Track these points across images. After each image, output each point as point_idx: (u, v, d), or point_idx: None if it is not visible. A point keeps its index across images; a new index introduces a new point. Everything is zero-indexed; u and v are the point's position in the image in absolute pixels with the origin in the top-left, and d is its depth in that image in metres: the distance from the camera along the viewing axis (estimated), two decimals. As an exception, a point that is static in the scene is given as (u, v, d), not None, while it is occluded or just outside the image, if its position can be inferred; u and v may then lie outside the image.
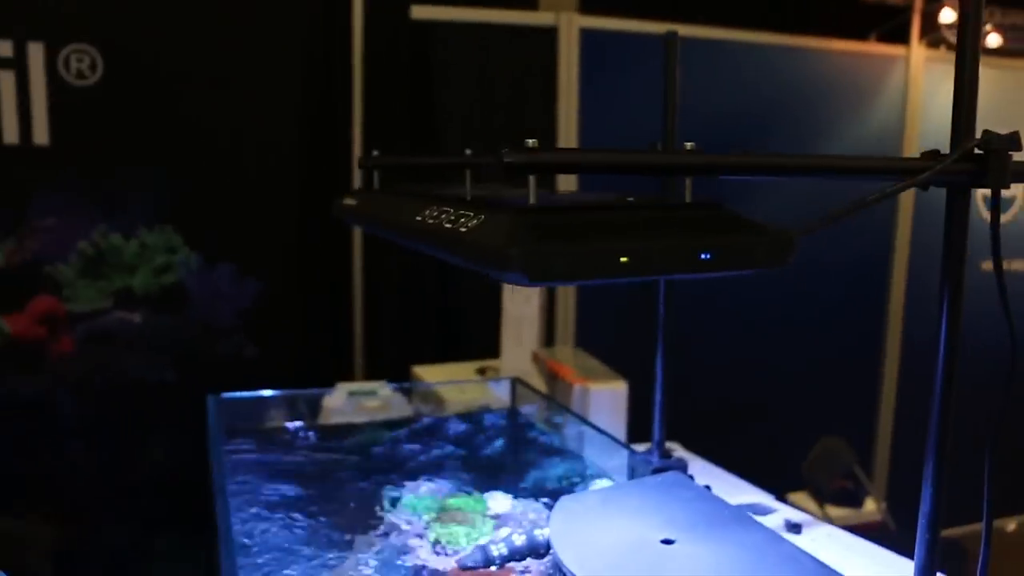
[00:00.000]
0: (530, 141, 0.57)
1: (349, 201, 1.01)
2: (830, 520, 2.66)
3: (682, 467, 1.01)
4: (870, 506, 2.90)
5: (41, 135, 2.09)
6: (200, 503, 2.36)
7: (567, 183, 2.15)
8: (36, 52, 2.06)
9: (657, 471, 1.01)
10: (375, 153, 1.05)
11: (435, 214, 0.67)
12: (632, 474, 1.06)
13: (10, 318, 2.15)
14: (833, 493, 2.87)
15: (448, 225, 0.63)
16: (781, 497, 1.42)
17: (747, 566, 0.81)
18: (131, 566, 2.31)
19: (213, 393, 1.45)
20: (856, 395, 3.14)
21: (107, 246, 2.22)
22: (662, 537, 0.85)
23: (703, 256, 0.58)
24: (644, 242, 0.57)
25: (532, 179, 0.58)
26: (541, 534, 0.91)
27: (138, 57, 2.16)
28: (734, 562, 0.81)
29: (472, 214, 0.61)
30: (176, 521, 2.30)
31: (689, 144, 0.63)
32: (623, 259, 0.55)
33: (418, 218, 0.69)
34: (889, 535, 2.87)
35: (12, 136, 2.07)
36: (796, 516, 1.20)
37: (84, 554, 2.27)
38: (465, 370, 2.16)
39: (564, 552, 0.83)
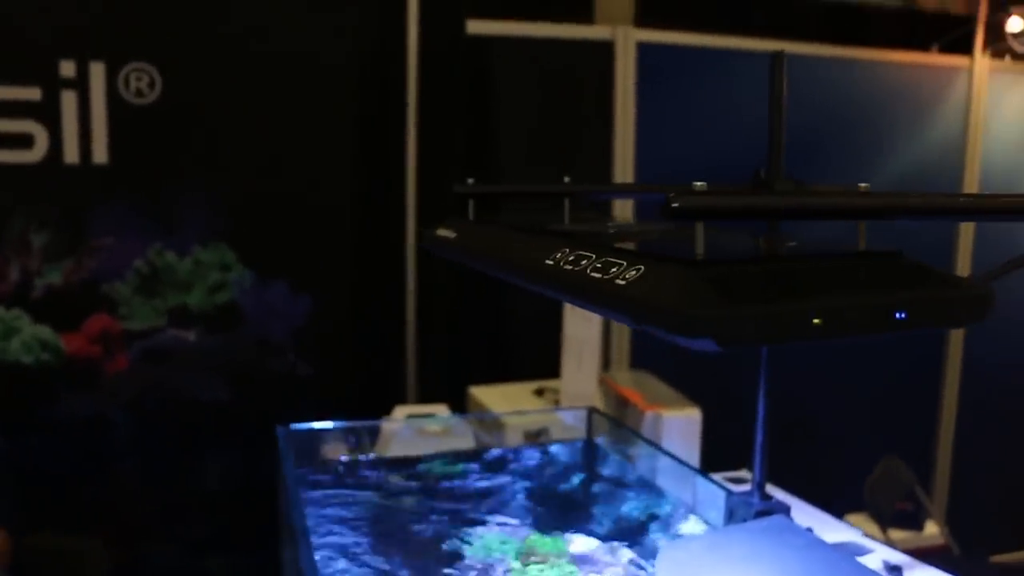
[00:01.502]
0: (698, 184, 0.52)
1: (445, 233, 0.96)
2: (893, 545, 2.60)
3: (785, 509, 0.97)
4: (931, 529, 2.83)
5: (100, 154, 2.09)
6: (252, 525, 2.34)
7: (622, 210, 2.11)
8: (97, 71, 2.06)
9: (760, 514, 0.96)
10: (470, 181, 1.01)
11: (571, 258, 0.62)
12: (730, 517, 1.01)
13: (66, 337, 2.15)
14: (893, 515, 2.80)
15: (595, 275, 0.58)
16: (839, 519, 1.37)
17: (872, 625, 0.76)
18: (184, 586, 2.30)
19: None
20: (914, 414, 3.07)
21: (162, 264, 2.21)
22: (776, 590, 0.81)
23: (898, 315, 0.53)
24: (836, 301, 0.52)
25: (700, 227, 0.54)
26: (645, 584, 0.87)
27: (195, 74, 2.15)
28: (858, 620, 0.77)
29: (624, 263, 0.57)
30: (228, 542, 2.29)
31: (864, 185, 0.58)
32: (816, 321, 0.51)
33: (549, 262, 0.65)
34: (953, 560, 2.80)
35: (73, 156, 2.07)
36: (895, 557, 1.15)
37: (138, 573, 2.26)
38: (523, 391, 2.13)
39: (676, 607, 0.79)
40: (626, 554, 1.05)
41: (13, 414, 2.13)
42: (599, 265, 0.59)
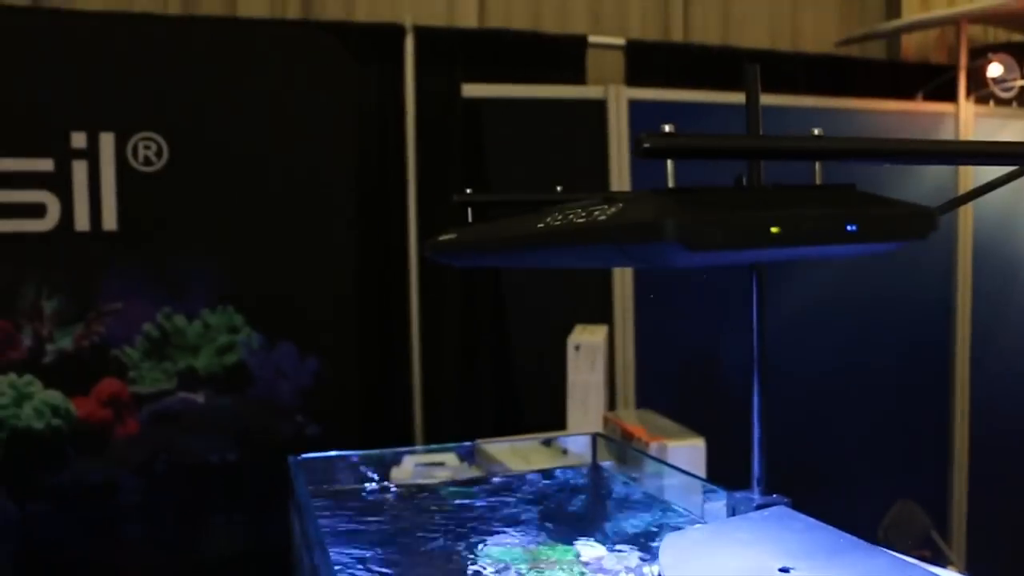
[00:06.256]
0: (667, 126, 0.57)
1: (447, 237, 1.01)
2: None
3: (786, 502, 0.98)
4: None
5: (110, 221, 2.15)
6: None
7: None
8: (107, 141, 2.14)
9: (761, 507, 0.97)
10: (468, 191, 1.07)
11: (559, 217, 0.67)
12: (733, 513, 1.02)
13: (77, 401, 2.17)
14: (911, 562, 2.76)
15: (581, 220, 0.62)
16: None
17: (875, 592, 0.77)
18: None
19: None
20: (925, 456, 3.04)
21: (171, 327, 2.24)
22: (778, 566, 0.82)
23: (849, 228, 0.57)
24: (793, 213, 0.57)
25: (670, 163, 0.58)
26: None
27: (201, 143, 2.23)
28: (861, 589, 0.78)
29: (606, 206, 0.61)
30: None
31: (817, 130, 0.63)
32: (774, 228, 0.55)
33: (540, 225, 0.69)
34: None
35: (83, 223, 2.13)
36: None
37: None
38: (530, 444, 2.13)
39: (680, 585, 0.80)
40: (634, 559, 1.05)
41: (24, 480, 2.14)
42: (583, 213, 0.64)
